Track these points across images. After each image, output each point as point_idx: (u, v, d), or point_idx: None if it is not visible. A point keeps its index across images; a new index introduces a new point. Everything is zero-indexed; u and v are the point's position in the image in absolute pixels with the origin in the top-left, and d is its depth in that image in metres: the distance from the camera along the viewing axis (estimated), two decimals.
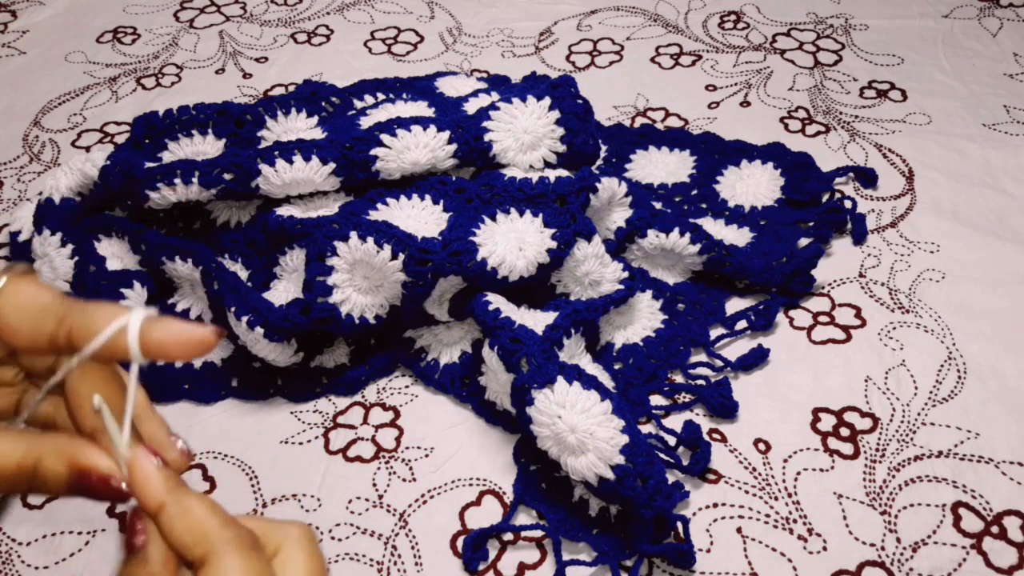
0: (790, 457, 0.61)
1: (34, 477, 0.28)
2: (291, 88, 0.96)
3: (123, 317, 0.28)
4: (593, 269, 0.65)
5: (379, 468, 0.61)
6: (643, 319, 0.69)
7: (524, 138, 0.69)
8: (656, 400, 0.65)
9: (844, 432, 0.62)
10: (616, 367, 0.66)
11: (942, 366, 0.66)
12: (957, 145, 0.84)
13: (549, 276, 0.66)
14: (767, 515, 0.58)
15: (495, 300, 0.62)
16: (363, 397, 0.66)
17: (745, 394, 0.64)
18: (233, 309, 0.62)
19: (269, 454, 0.63)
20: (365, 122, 0.72)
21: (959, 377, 0.65)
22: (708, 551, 0.56)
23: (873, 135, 0.86)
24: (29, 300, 0.28)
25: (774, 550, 0.56)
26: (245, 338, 0.63)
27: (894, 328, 0.69)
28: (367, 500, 0.60)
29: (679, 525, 0.55)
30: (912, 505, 0.58)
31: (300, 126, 0.75)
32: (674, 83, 0.95)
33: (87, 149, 0.89)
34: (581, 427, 0.54)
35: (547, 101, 0.70)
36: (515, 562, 0.56)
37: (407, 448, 0.63)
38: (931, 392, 0.64)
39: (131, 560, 0.28)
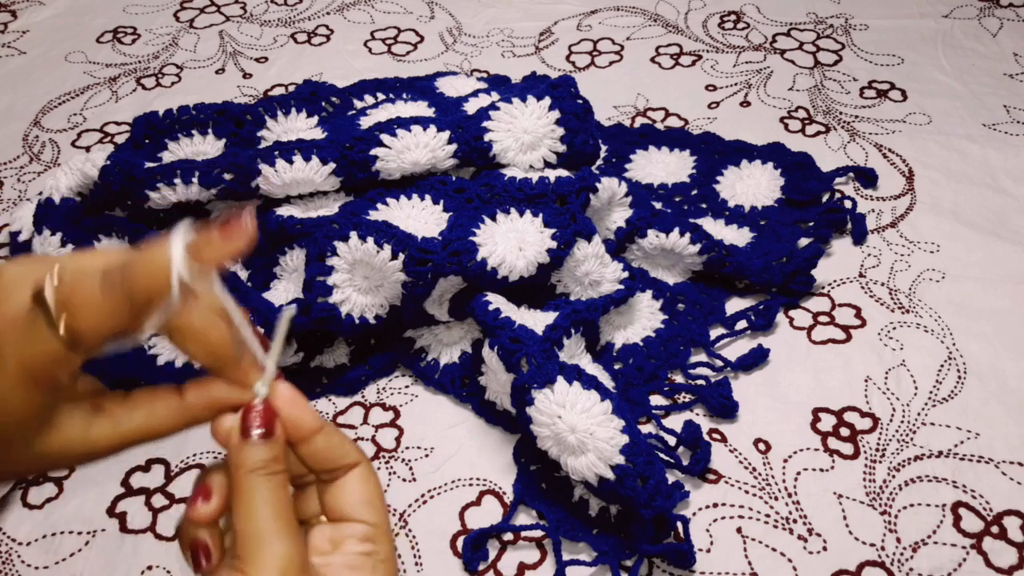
0: (790, 457, 0.61)
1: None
2: (291, 88, 0.96)
3: (167, 261, 0.29)
4: (593, 269, 0.65)
5: (379, 468, 0.61)
6: (643, 319, 0.69)
7: (524, 138, 0.69)
8: (656, 400, 0.65)
9: (844, 432, 0.62)
10: (616, 367, 0.66)
11: (942, 366, 0.66)
12: (957, 145, 0.84)
13: (549, 276, 0.66)
14: (767, 515, 0.58)
15: (495, 300, 0.62)
16: (363, 397, 0.66)
17: (745, 394, 0.64)
18: None
19: None
20: (365, 122, 0.72)
21: (959, 377, 0.65)
22: (708, 551, 0.56)
23: (873, 135, 0.86)
24: (95, 307, 0.30)
25: (774, 550, 0.56)
26: None
27: (894, 328, 0.68)
28: None
29: (679, 525, 0.55)
30: (912, 505, 0.58)
31: (300, 126, 0.75)
32: (674, 83, 0.95)
33: (87, 149, 0.89)
34: (581, 427, 0.54)
35: (547, 101, 0.70)
36: (515, 562, 0.56)
37: (407, 448, 0.63)
38: (931, 392, 0.64)
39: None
